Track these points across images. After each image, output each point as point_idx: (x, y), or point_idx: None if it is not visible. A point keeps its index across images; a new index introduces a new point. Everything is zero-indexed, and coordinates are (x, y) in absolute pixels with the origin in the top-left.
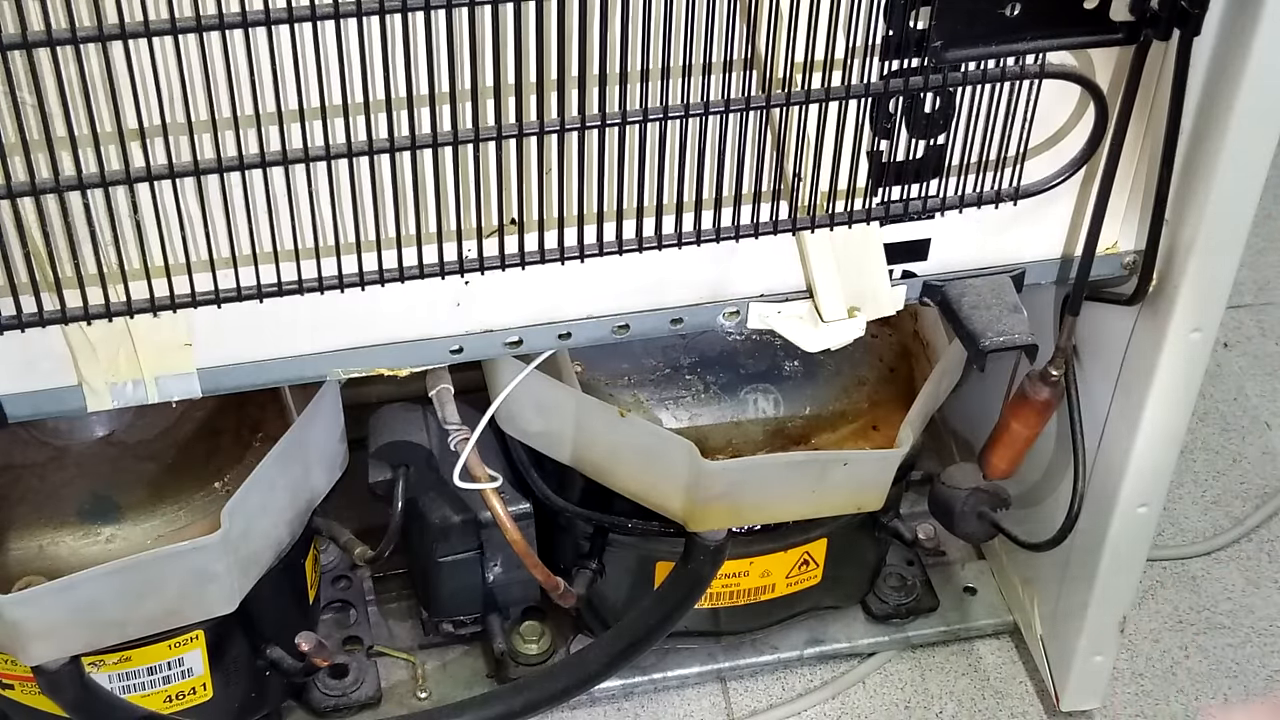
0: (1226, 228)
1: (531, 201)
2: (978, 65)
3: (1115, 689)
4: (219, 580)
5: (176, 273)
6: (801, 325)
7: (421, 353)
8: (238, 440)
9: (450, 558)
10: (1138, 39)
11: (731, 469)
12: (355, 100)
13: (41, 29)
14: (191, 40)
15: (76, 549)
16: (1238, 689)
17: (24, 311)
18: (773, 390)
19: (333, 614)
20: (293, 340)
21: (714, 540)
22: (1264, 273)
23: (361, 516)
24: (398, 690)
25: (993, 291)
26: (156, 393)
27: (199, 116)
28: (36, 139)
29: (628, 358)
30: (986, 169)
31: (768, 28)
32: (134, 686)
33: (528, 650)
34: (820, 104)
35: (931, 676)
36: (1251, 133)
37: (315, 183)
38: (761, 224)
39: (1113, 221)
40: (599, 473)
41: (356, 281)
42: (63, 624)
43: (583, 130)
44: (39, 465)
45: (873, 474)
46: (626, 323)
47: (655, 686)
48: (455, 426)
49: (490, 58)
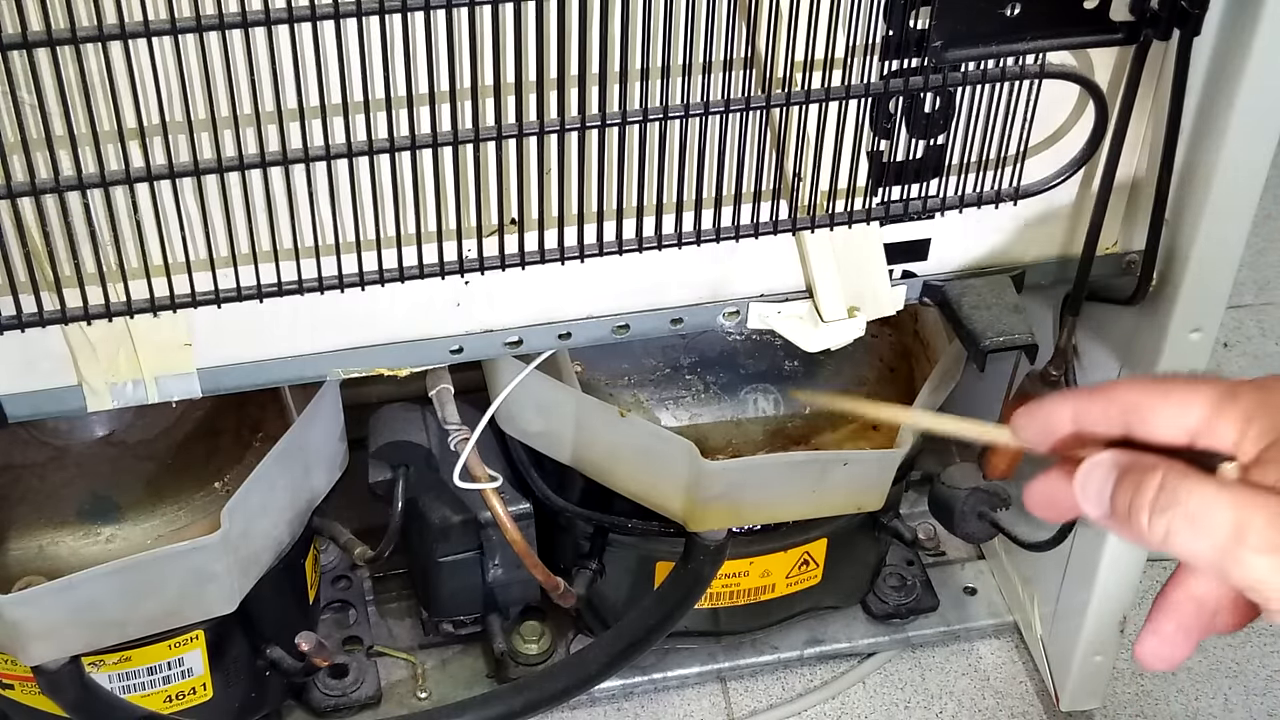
0: (1226, 228)
1: (531, 201)
2: (978, 65)
3: (1115, 689)
4: (219, 580)
5: (176, 273)
6: (801, 325)
7: (421, 353)
8: (238, 440)
9: (450, 558)
10: (1138, 39)
11: (731, 469)
12: (355, 100)
13: (41, 29)
14: (191, 40)
15: (76, 549)
16: (1238, 689)
17: (24, 311)
18: (773, 390)
19: (333, 614)
20: (293, 340)
21: (714, 540)
22: (1264, 273)
23: (361, 516)
24: (398, 690)
25: (993, 291)
26: (156, 393)
27: (199, 116)
28: (36, 139)
29: (628, 358)
30: (986, 169)
31: (767, 27)
32: (134, 686)
33: (528, 650)
34: (820, 104)
35: (931, 676)
36: (1251, 133)
37: (315, 183)
38: (761, 224)
39: (1113, 221)
40: (599, 473)
41: (356, 281)
42: (63, 624)
43: (583, 130)
44: (39, 465)
45: (873, 474)
46: (626, 323)
47: (655, 686)
48: (455, 426)
49: (490, 58)
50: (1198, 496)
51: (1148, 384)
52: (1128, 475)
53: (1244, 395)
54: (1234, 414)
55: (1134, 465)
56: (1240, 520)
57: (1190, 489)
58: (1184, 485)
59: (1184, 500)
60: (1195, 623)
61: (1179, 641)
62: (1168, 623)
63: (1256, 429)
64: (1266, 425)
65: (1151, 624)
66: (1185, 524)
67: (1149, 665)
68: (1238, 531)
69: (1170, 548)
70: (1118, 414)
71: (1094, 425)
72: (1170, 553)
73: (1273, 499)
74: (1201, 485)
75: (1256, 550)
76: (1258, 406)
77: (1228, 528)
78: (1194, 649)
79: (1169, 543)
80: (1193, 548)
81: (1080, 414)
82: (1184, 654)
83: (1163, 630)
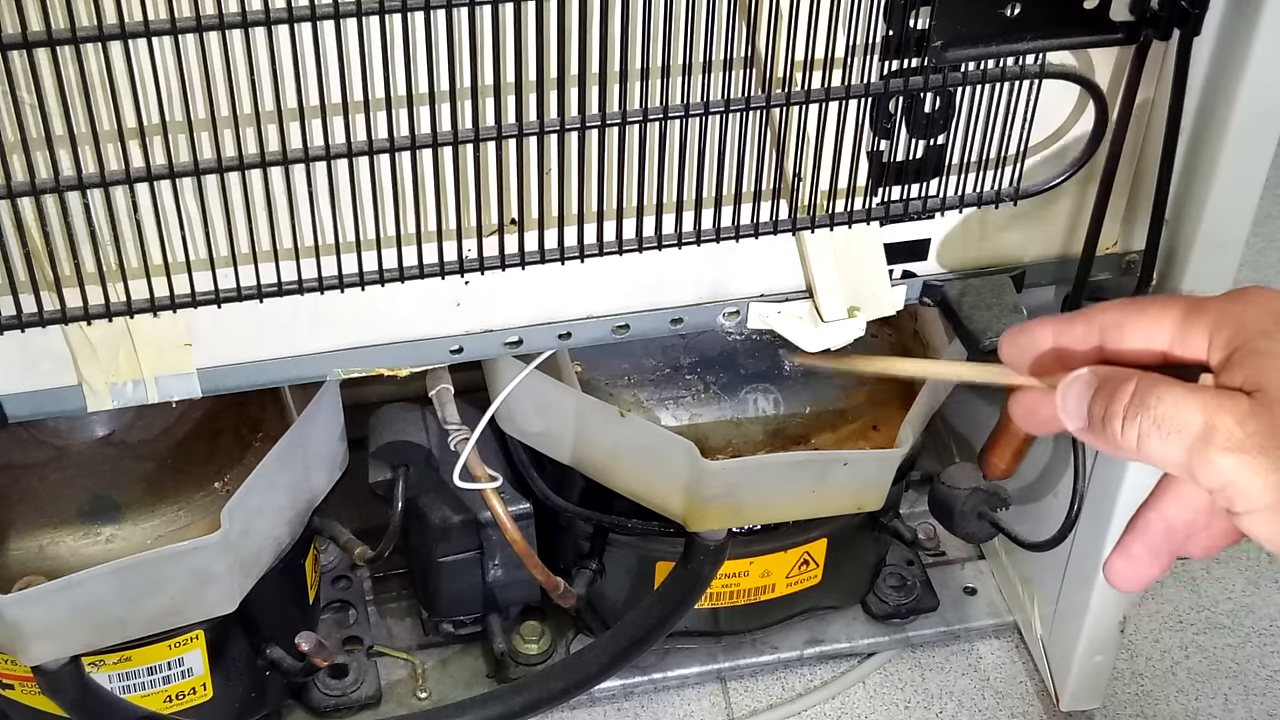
0: (1226, 228)
1: (531, 201)
2: (978, 65)
3: (1115, 689)
4: (219, 580)
5: (176, 272)
6: (801, 325)
7: (421, 353)
8: (238, 440)
9: (450, 558)
10: (1138, 39)
11: (731, 469)
12: (355, 100)
13: (41, 29)
14: (191, 40)
15: (76, 549)
16: (1238, 689)
17: (24, 311)
18: (773, 390)
19: (333, 614)
20: (293, 340)
21: (714, 540)
22: (1264, 273)
23: (361, 516)
24: (398, 690)
25: (993, 291)
26: (156, 393)
27: (199, 116)
28: (36, 139)
29: (628, 358)
30: (986, 169)
31: (768, 27)
32: (134, 686)
33: (528, 650)
34: (820, 104)
35: (931, 676)
36: (1251, 133)
37: (315, 183)
38: (761, 224)
39: (1113, 221)
40: (599, 473)
41: (356, 281)
42: (63, 624)
43: (583, 130)
44: (39, 465)
45: (873, 474)
46: (626, 323)
47: (655, 686)
48: (455, 426)
49: (490, 58)
50: (1167, 400)
51: (1123, 304)
52: (1104, 386)
53: (1210, 307)
54: (1201, 325)
55: (1110, 377)
56: (1208, 421)
57: (1160, 394)
58: (1154, 391)
59: (1153, 405)
60: (1165, 544)
61: (1147, 562)
62: (1136, 543)
63: (1222, 337)
64: (1231, 332)
65: (1121, 544)
66: (1155, 427)
67: (1116, 584)
68: (1206, 432)
69: (1143, 454)
70: (1096, 333)
71: (1075, 345)
72: (1144, 460)
73: (1240, 399)
74: (1170, 390)
75: (1224, 450)
76: (1221, 315)
77: (1197, 428)
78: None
79: (1141, 448)
80: (1163, 451)
81: (1061, 335)
82: (1151, 575)
83: (1131, 550)
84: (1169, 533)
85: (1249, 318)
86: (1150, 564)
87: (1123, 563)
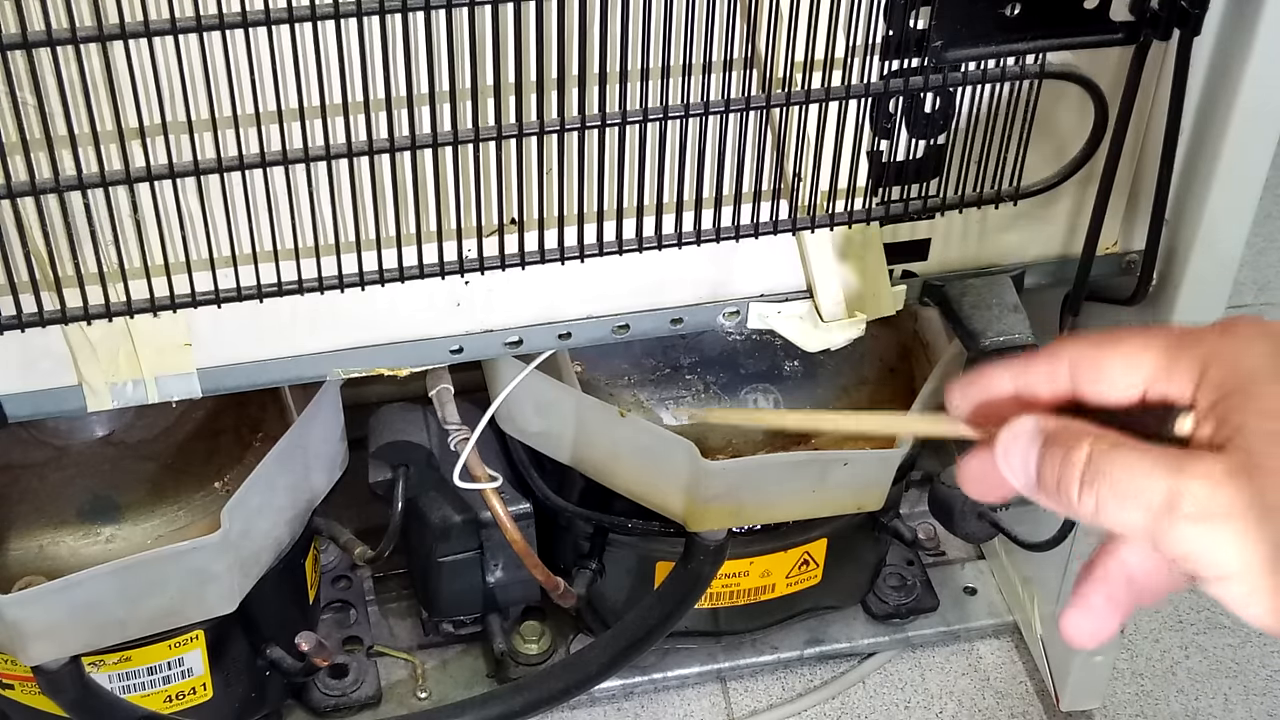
0: (1226, 228)
1: (531, 201)
2: (978, 65)
3: (1115, 689)
4: (219, 580)
5: (176, 272)
6: (801, 325)
7: (421, 353)
8: (238, 440)
9: (450, 558)
10: (1138, 39)
11: (731, 469)
12: (355, 100)
13: (42, 29)
14: (191, 40)
15: (76, 549)
16: (1238, 689)
17: (24, 311)
18: (773, 390)
19: (333, 614)
20: (293, 340)
21: (714, 540)
22: (1264, 273)
23: (361, 516)
24: (398, 690)
25: (993, 291)
26: (156, 393)
27: (199, 116)
28: (37, 139)
29: (628, 358)
30: (986, 169)
31: (768, 27)
32: (134, 686)
33: (528, 650)
34: (820, 104)
35: (931, 676)
36: (1251, 133)
37: (315, 182)
38: (761, 224)
39: (1113, 221)
40: (599, 473)
41: (356, 281)
42: (63, 624)
43: (583, 130)
44: (39, 465)
45: (873, 474)
46: (626, 323)
47: (655, 686)
48: (455, 426)
49: (490, 58)
50: (1124, 468)
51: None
52: (1052, 445)
53: (1202, 341)
54: (1190, 361)
55: (1058, 434)
56: (1173, 488)
57: (1116, 460)
58: (1110, 456)
59: (1109, 472)
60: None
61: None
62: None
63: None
64: (1224, 375)
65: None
66: (1113, 497)
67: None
68: (1170, 501)
69: (1101, 522)
70: (1064, 371)
71: (1039, 387)
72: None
73: (1211, 462)
74: (1128, 455)
75: (1191, 519)
76: (1213, 354)
77: (1160, 497)
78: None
79: (1099, 517)
80: (1123, 520)
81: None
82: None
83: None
84: (1130, 582)
85: (1243, 361)
86: (1110, 617)
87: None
